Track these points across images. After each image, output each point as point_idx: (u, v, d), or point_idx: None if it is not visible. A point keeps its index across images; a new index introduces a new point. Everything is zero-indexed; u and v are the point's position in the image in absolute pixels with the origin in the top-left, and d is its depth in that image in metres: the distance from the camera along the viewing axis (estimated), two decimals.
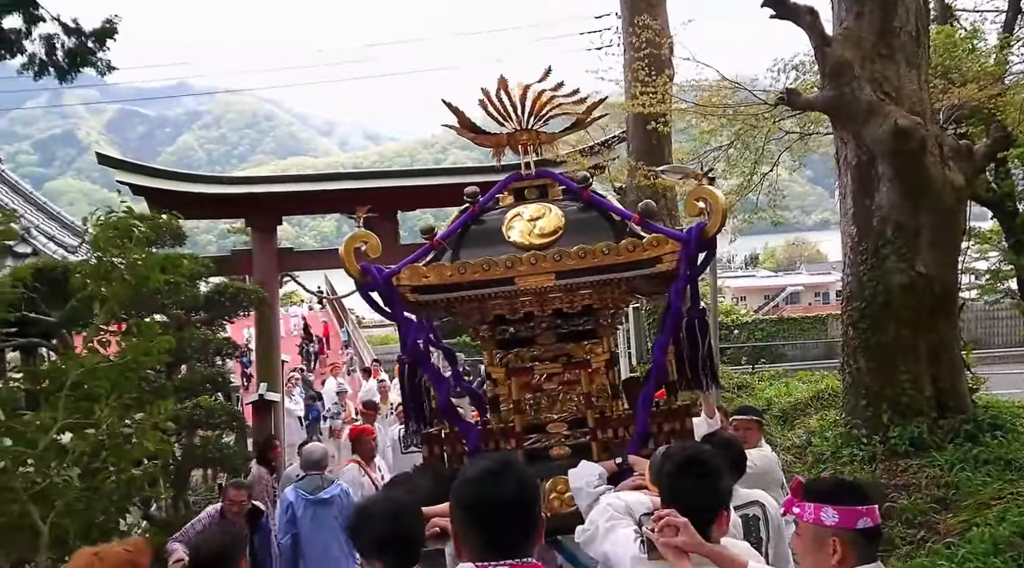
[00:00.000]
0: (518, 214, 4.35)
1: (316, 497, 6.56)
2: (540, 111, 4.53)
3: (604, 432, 4.34)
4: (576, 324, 4.45)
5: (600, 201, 4.48)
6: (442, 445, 4.52)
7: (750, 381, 15.15)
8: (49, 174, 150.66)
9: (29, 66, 8.21)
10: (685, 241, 4.05)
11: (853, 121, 9.03)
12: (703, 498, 2.72)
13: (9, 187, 15.48)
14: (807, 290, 50.22)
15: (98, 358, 5.31)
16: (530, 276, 4.10)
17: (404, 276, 4.19)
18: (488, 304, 4.35)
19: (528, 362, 4.47)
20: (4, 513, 4.78)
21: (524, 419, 4.40)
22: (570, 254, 4.06)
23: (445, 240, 4.37)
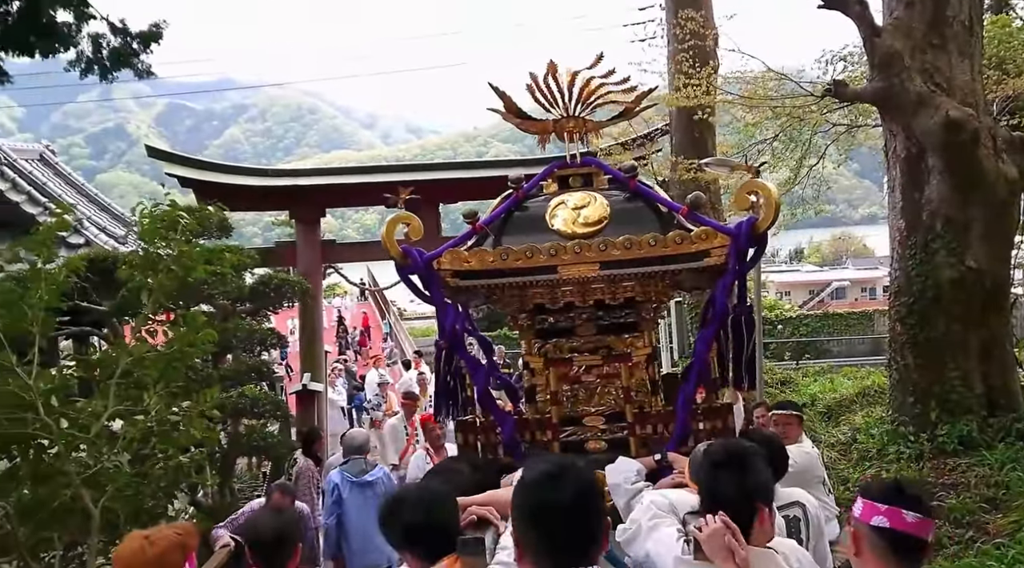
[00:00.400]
0: (562, 202, 4.27)
1: (360, 480, 6.85)
2: (588, 99, 4.44)
3: (643, 428, 4.26)
4: (617, 316, 4.37)
5: (647, 191, 4.39)
6: (476, 433, 4.44)
7: (794, 377, 14.96)
8: (100, 167, 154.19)
9: (77, 63, 8.38)
10: (735, 236, 3.91)
11: (903, 113, 8.85)
12: (741, 495, 2.61)
13: (63, 179, 15.85)
14: (853, 285, 49.41)
15: (146, 347, 5.43)
16: (573, 265, 4.02)
17: (445, 260, 4.11)
18: (528, 292, 4.27)
19: (567, 353, 4.39)
20: (58, 496, 4.92)
21: (561, 411, 4.32)
22: (615, 244, 3.98)
23: (487, 225, 4.29)
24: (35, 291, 4.97)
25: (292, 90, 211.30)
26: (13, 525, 4.64)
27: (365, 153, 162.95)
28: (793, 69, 13.35)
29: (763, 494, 2.70)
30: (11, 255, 5.31)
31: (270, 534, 3.70)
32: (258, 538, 3.72)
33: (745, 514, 2.56)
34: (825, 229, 66.97)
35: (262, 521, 3.89)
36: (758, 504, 2.64)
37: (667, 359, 20.19)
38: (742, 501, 2.60)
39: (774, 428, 5.69)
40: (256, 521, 3.94)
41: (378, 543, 6.22)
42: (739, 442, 3.38)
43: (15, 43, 7.70)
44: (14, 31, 7.64)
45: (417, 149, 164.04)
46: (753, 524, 2.59)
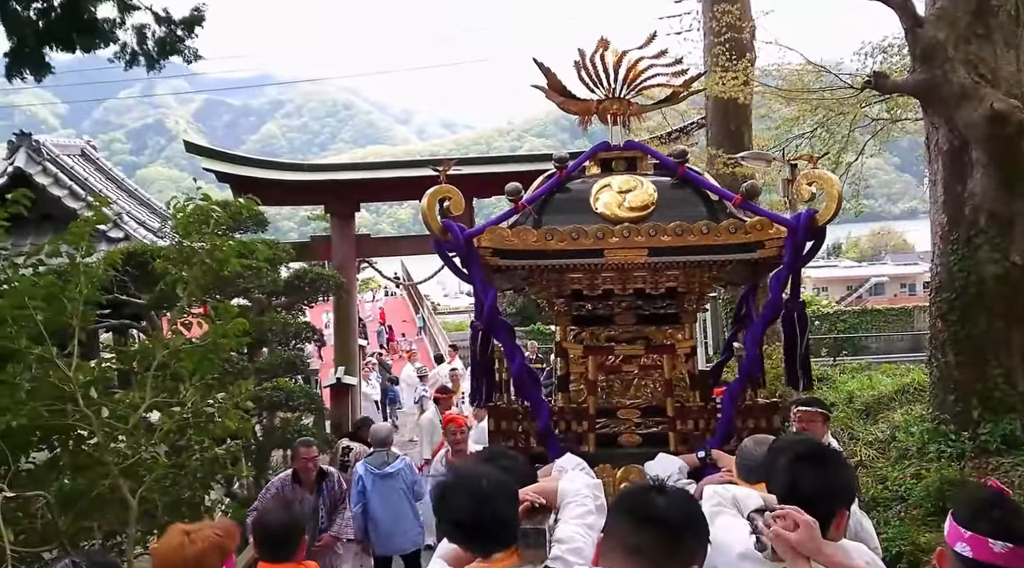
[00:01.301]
0: (607, 185, 4.14)
1: (383, 471, 7.26)
2: (634, 80, 4.31)
3: (684, 423, 4.13)
4: (658, 307, 4.26)
5: (697, 178, 4.26)
6: (510, 419, 4.31)
7: (831, 373, 14.71)
8: (140, 162, 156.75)
9: (121, 55, 8.48)
10: (793, 228, 3.77)
11: (945, 105, 8.66)
12: (824, 494, 2.48)
13: (103, 174, 16.11)
14: (892, 281, 48.66)
15: (182, 340, 5.50)
16: (621, 250, 3.85)
17: (485, 238, 3.95)
18: (567, 276, 4.16)
19: (604, 342, 4.27)
20: (97, 486, 5.00)
21: (596, 401, 4.19)
22: (666, 230, 3.83)
23: (530, 204, 4.15)
24: (75, 284, 5.05)
25: (328, 86, 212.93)
26: (53, 515, 4.72)
27: (400, 148, 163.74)
28: (831, 61, 13.17)
29: (846, 496, 2.58)
30: (52, 249, 5.40)
31: (277, 529, 3.78)
32: (265, 533, 3.79)
33: (823, 515, 2.42)
34: (864, 224, 65.87)
35: (270, 515, 3.95)
36: (838, 505, 2.52)
37: (702, 355, 20.05)
38: (823, 501, 2.47)
39: (797, 425, 5.58)
40: (264, 515, 4.00)
41: (403, 528, 7.25)
42: (814, 440, 3.28)
43: (57, 38, 7.81)
44: (56, 27, 7.75)
45: (451, 144, 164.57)
46: (830, 527, 2.45)
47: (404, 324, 32.89)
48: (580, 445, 4.09)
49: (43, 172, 13.23)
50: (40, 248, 5.29)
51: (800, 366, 4.03)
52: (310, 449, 6.70)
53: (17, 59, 7.70)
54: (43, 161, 13.40)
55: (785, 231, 3.80)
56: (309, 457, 6.64)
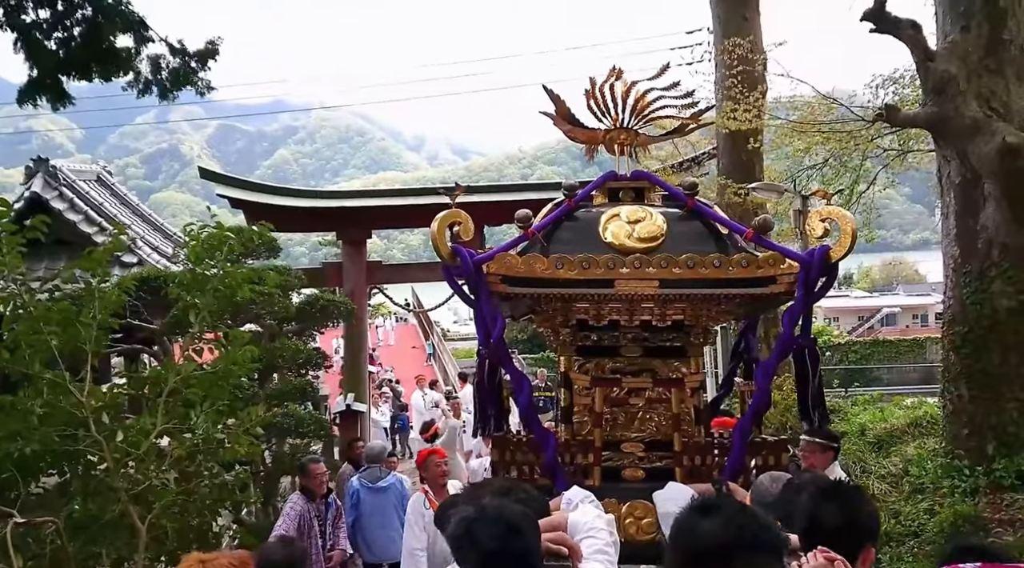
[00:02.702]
0: (616, 215, 4.12)
1: (375, 485, 7.91)
2: (643, 111, 4.31)
3: (691, 458, 4.08)
4: (664, 339, 4.22)
5: (707, 211, 4.24)
6: (515, 451, 4.24)
7: (842, 405, 14.58)
8: (155, 186, 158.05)
9: (134, 84, 8.61)
10: (806, 263, 3.74)
11: (957, 138, 8.67)
12: (849, 531, 2.46)
13: (118, 199, 16.25)
14: (904, 312, 48.45)
15: (193, 366, 5.52)
16: (632, 281, 3.84)
17: (495, 265, 3.92)
18: (574, 306, 4.07)
19: (609, 373, 4.22)
20: (107, 512, 5.00)
21: (602, 434, 4.12)
22: (678, 262, 3.82)
23: (539, 232, 4.12)
24: (89, 310, 5.08)
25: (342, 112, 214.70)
26: (63, 540, 4.71)
27: (411, 175, 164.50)
28: (843, 93, 13.18)
29: (870, 531, 2.56)
30: (68, 275, 5.44)
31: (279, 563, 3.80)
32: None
33: (849, 552, 2.38)
34: (875, 254, 65.73)
35: (271, 551, 3.96)
36: (863, 542, 2.49)
37: (712, 383, 19.92)
38: (848, 537, 2.45)
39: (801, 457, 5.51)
40: (265, 551, 4.03)
41: (392, 538, 7.50)
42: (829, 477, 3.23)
43: (77, 67, 7.94)
44: (76, 56, 7.88)
45: (463, 171, 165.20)
46: (856, 562, 2.42)
47: (414, 351, 32.88)
48: (585, 478, 4.05)
49: (59, 197, 13.35)
50: (57, 274, 5.34)
51: (813, 402, 3.98)
52: (319, 465, 7.16)
53: (36, 87, 7.82)
54: (60, 186, 13.52)
55: (797, 267, 3.78)
56: (321, 472, 7.07)
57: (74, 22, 7.80)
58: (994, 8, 8.65)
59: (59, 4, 7.72)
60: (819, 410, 4.01)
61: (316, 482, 7.04)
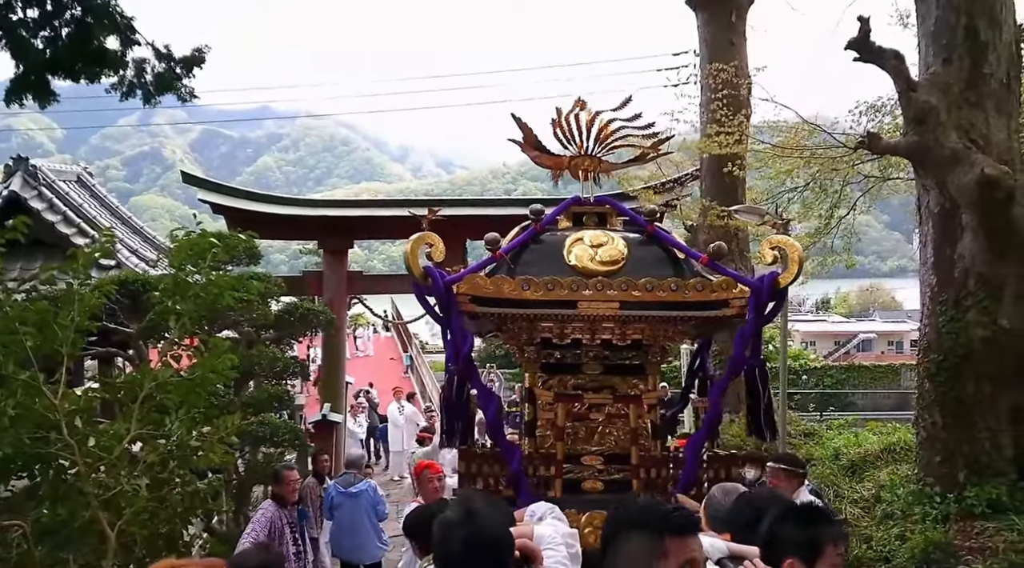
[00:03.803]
0: (580, 239, 4.31)
1: (348, 490, 8.53)
2: (606, 139, 4.51)
3: (647, 471, 4.29)
4: (623, 358, 4.40)
5: (666, 237, 4.45)
6: (481, 463, 4.43)
7: (818, 429, 14.71)
8: (135, 189, 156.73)
9: (118, 86, 8.54)
10: (757, 289, 3.97)
11: (937, 168, 8.80)
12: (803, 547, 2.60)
13: (98, 201, 16.10)
14: (880, 338, 48.82)
15: (170, 372, 5.46)
16: (594, 302, 4.03)
17: (464, 285, 4.12)
18: (538, 325, 4.28)
19: (571, 390, 4.41)
20: (76, 517, 4.92)
21: (563, 447, 4.33)
22: (637, 285, 4.02)
23: (507, 254, 4.33)
24: (67, 312, 5.02)
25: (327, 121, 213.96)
26: (30, 545, 4.64)
27: (394, 186, 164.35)
28: (826, 119, 13.34)
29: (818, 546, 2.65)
30: (48, 276, 5.38)
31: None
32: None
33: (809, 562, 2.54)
34: (853, 280, 66.29)
35: (246, 557, 3.91)
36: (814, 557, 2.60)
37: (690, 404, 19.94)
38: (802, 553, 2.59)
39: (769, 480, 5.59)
40: (240, 557, 3.97)
41: (362, 542, 8.45)
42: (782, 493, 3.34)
43: (64, 67, 7.87)
44: (63, 56, 7.82)
45: (446, 184, 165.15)
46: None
47: (391, 362, 32.74)
48: (547, 490, 4.25)
49: (38, 197, 13.22)
50: (35, 274, 5.28)
51: (763, 419, 4.21)
52: (293, 472, 7.31)
53: (21, 85, 7.74)
54: (39, 186, 13.39)
55: (748, 291, 3.99)
56: (294, 480, 7.20)
57: (62, 22, 7.74)
58: (975, 42, 8.80)
59: (48, 3, 7.65)
60: (769, 426, 4.23)
61: (289, 489, 7.11)
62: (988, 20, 8.83)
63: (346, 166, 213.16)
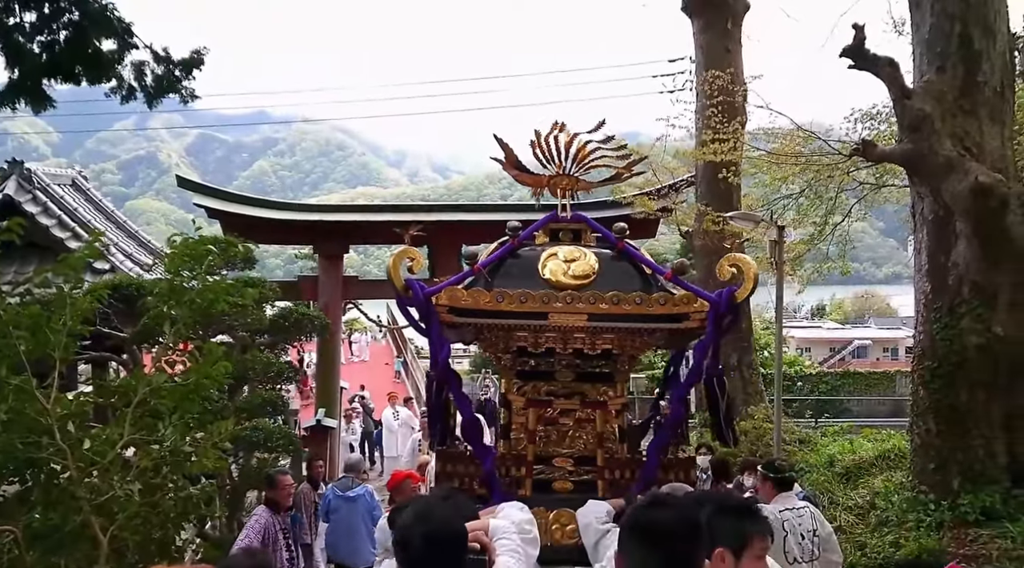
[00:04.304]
0: (554, 254, 4.53)
1: (345, 494, 8.61)
2: (583, 159, 4.73)
3: (612, 472, 4.54)
4: (594, 366, 4.64)
5: (634, 253, 4.67)
6: (456, 464, 4.69)
7: (812, 436, 14.71)
8: (131, 193, 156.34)
9: (118, 90, 8.54)
10: (715, 303, 4.21)
11: (931, 176, 8.83)
12: (732, 537, 2.82)
13: (93, 205, 16.07)
14: (875, 344, 48.87)
15: (164, 377, 5.44)
16: (563, 314, 4.29)
17: (443, 296, 4.35)
18: (514, 335, 4.52)
19: (544, 395, 4.65)
20: (68, 522, 4.90)
21: (535, 449, 4.58)
22: (604, 298, 4.26)
23: (484, 268, 4.53)
24: (60, 316, 5.01)
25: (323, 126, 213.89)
26: (21, 550, 4.61)
27: (390, 191, 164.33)
28: (822, 126, 13.39)
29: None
30: (41, 280, 5.36)
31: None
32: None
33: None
34: (848, 287, 66.39)
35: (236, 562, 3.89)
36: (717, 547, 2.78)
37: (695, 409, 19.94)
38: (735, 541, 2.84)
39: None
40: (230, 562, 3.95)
41: (357, 545, 8.47)
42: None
43: (61, 71, 7.87)
44: (60, 59, 7.81)
45: (443, 189, 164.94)
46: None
47: (386, 367, 32.70)
48: (518, 489, 4.51)
49: (33, 200, 13.19)
50: (28, 278, 5.26)
51: (724, 424, 4.49)
52: (287, 477, 7.31)
53: (16, 90, 7.74)
54: (33, 190, 13.37)
55: (708, 305, 4.25)
56: (288, 484, 7.20)
57: (59, 26, 7.74)
58: (969, 50, 8.85)
59: (45, 7, 7.65)
60: (731, 431, 4.53)
61: (284, 494, 7.09)
62: (982, 29, 8.88)
63: (342, 171, 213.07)
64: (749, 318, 16.77)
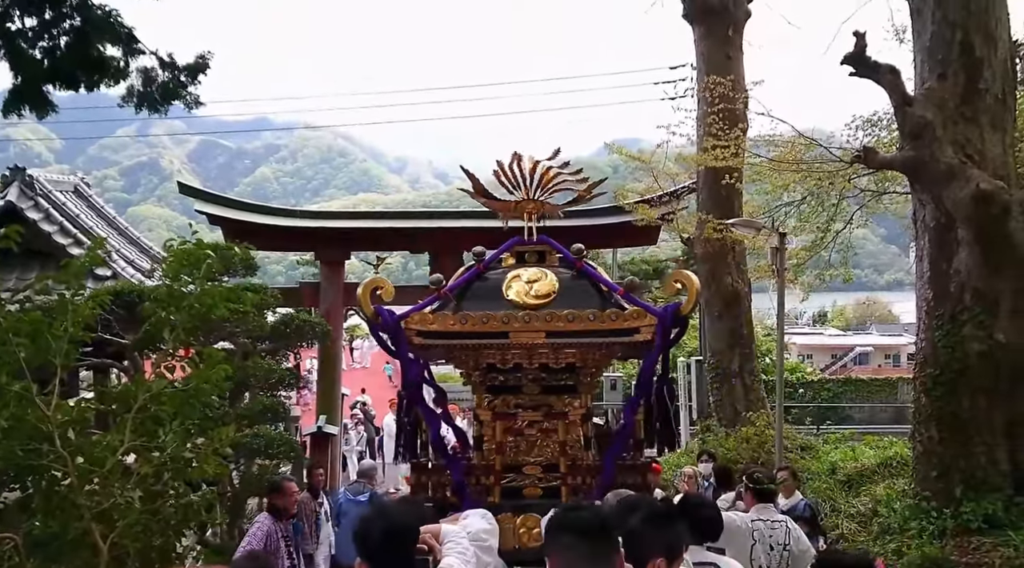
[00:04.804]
0: (518, 275, 4.87)
1: (356, 498, 8.97)
2: (546, 184, 5.04)
3: (574, 478, 4.85)
4: (559, 379, 4.94)
5: (591, 272, 4.98)
6: (428, 475, 5.01)
7: (814, 443, 14.67)
8: (132, 200, 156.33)
9: (129, 97, 8.55)
10: (661, 317, 4.56)
11: (933, 183, 8.82)
12: (667, 547, 2.98)
13: (95, 211, 16.09)
14: (877, 351, 48.83)
15: (164, 383, 5.43)
16: (523, 332, 4.63)
17: (412, 321, 4.71)
18: (482, 353, 4.85)
19: (512, 408, 4.96)
20: (68, 529, 4.89)
21: (504, 459, 4.91)
22: (560, 316, 4.60)
23: (451, 292, 4.89)
24: (61, 322, 5.00)
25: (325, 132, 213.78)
26: (21, 558, 4.60)
27: (392, 197, 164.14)
28: (823, 133, 13.38)
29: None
30: (42, 287, 5.36)
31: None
32: None
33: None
34: (849, 293, 66.30)
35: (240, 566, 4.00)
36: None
37: (685, 417, 19.92)
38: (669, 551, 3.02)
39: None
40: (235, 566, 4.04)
41: None
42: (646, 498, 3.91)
43: (62, 76, 7.87)
44: (62, 65, 7.82)
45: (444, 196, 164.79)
46: None
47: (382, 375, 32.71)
48: (488, 496, 4.83)
49: (35, 207, 13.21)
50: (29, 284, 5.25)
51: (663, 430, 4.91)
52: (293, 483, 7.35)
53: (19, 96, 7.75)
54: (35, 196, 13.39)
55: (656, 320, 4.58)
56: (294, 491, 7.23)
57: (61, 31, 7.75)
58: (970, 58, 8.85)
59: (47, 13, 7.66)
60: (668, 437, 4.99)
61: (291, 501, 7.07)
62: (983, 36, 8.89)
63: (344, 177, 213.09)
64: (750, 325, 16.76)
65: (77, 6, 7.72)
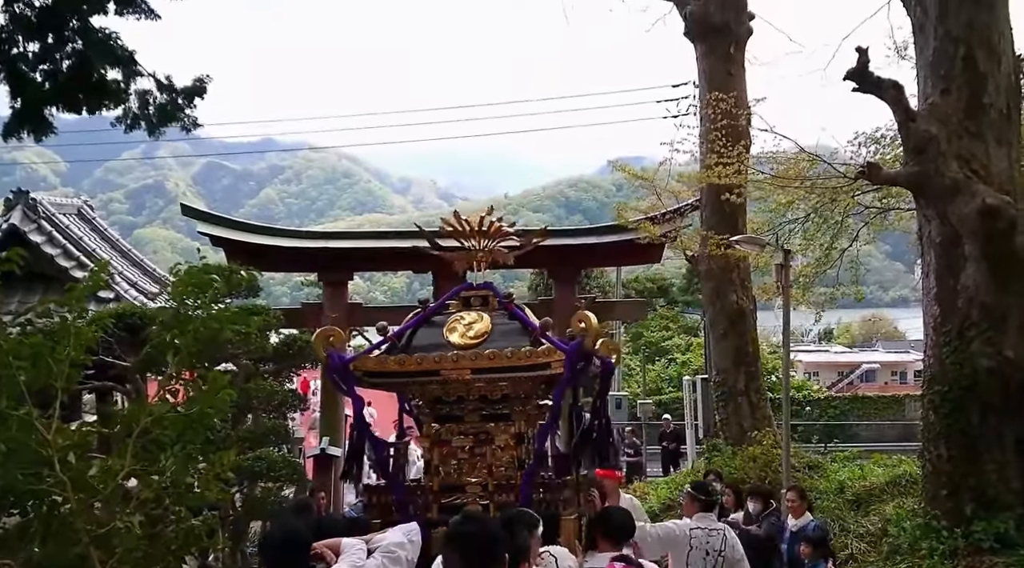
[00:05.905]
0: (459, 318, 5.58)
1: None
2: (494, 235, 5.79)
3: (500, 495, 5.41)
4: (496, 408, 5.60)
5: (518, 313, 5.65)
6: (380, 494, 5.67)
7: (821, 461, 14.53)
8: (138, 222, 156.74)
9: (123, 119, 8.57)
10: (568, 353, 5.16)
11: (938, 198, 8.78)
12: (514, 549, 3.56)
13: (98, 234, 16.11)
14: (883, 368, 48.56)
15: (167, 407, 5.38)
16: (452, 370, 5.31)
17: (357, 364, 5.49)
18: (427, 387, 5.56)
19: (455, 435, 5.64)
20: (66, 554, 4.83)
21: (442, 480, 5.60)
22: (483, 355, 5.28)
23: (398, 336, 5.61)
24: (63, 346, 4.96)
25: (329, 153, 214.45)
26: None
27: (397, 217, 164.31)
28: (826, 149, 13.36)
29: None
30: (44, 310, 5.33)
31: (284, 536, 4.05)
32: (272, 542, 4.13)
33: None
34: (855, 310, 66.04)
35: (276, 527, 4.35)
36: None
37: (691, 436, 19.81)
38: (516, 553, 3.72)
39: None
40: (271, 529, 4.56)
41: None
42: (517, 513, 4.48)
43: (64, 100, 7.90)
44: (64, 88, 7.84)
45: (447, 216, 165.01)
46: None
47: None
48: (428, 512, 5.42)
49: (38, 230, 13.24)
50: (32, 308, 5.23)
51: (599, 447, 5.69)
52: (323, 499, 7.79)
53: (20, 120, 7.76)
54: (39, 219, 13.41)
55: (564, 355, 5.17)
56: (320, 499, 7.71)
57: (63, 55, 7.77)
58: (974, 73, 8.83)
59: (48, 37, 7.69)
60: (602, 453, 5.74)
61: None
62: (986, 51, 8.87)
63: (348, 198, 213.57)
64: (756, 342, 16.68)
65: (78, 30, 7.75)
